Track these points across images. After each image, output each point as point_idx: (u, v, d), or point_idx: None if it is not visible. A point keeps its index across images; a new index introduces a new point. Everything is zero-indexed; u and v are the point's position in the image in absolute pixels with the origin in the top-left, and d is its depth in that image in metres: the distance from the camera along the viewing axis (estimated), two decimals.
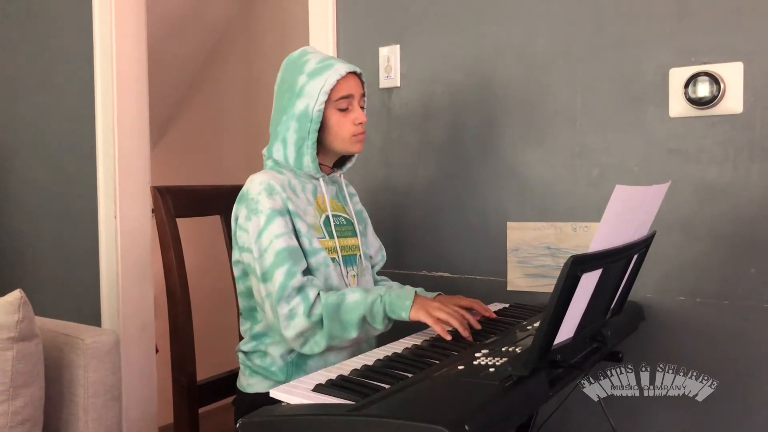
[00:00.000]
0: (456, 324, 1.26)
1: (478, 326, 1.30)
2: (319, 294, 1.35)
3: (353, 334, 1.34)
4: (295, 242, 1.38)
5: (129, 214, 2.35)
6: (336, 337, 1.35)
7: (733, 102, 1.49)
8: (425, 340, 1.29)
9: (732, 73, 1.48)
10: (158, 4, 2.83)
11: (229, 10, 3.37)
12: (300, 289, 1.34)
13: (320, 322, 1.34)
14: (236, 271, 1.49)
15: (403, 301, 1.30)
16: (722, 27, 1.50)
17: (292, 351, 1.44)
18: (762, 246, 1.48)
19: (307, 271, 1.40)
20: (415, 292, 1.34)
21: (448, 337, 1.26)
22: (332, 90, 1.42)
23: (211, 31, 3.40)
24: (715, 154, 1.52)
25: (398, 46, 1.93)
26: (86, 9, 2.35)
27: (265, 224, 1.37)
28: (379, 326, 1.33)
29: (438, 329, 1.27)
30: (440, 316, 1.27)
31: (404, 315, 1.29)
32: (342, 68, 1.43)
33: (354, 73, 1.46)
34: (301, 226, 1.41)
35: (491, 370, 1.02)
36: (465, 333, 1.26)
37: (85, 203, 2.39)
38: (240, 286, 1.49)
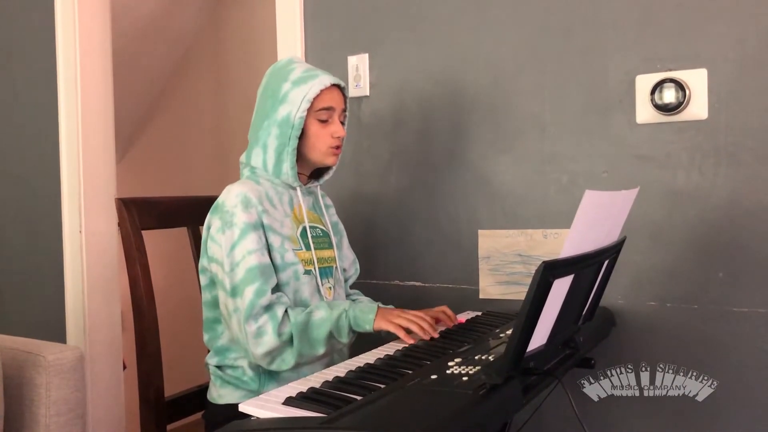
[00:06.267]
0: (415, 328, 1.32)
1: (435, 334, 1.33)
2: (286, 311, 1.36)
3: (321, 350, 1.37)
4: (267, 259, 1.38)
5: (94, 228, 2.30)
6: (305, 355, 1.37)
7: (698, 108, 1.51)
8: (398, 350, 1.28)
9: (697, 80, 1.50)
10: (124, 15, 2.79)
11: (197, 20, 3.34)
12: (268, 308, 1.35)
13: (290, 341, 1.35)
14: (203, 280, 1.47)
15: (366, 314, 1.35)
16: (686, 34, 1.53)
17: None
18: (729, 250, 1.50)
19: (276, 288, 1.40)
20: (378, 305, 1.40)
21: (411, 341, 1.31)
22: (315, 99, 1.43)
23: (179, 42, 3.36)
24: (682, 160, 1.53)
25: (367, 55, 1.92)
26: (49, 17, 2.31)
27: (239, 238, 1.36)
28: (345, 340, 1.37)
29: (400, 334, 1.33)
30: (401, 323, 1.34)
31: (368, 327, 1.35)
32: (327, 79, 1.44)
33: (338, 87, 1.47)
34: (274, 241, 1.41)
35: (464, 378, 1.01)
36: (425, 336, 1.32)
37: (49, 217, 2.33)
38: (206, 296, 1.47)
